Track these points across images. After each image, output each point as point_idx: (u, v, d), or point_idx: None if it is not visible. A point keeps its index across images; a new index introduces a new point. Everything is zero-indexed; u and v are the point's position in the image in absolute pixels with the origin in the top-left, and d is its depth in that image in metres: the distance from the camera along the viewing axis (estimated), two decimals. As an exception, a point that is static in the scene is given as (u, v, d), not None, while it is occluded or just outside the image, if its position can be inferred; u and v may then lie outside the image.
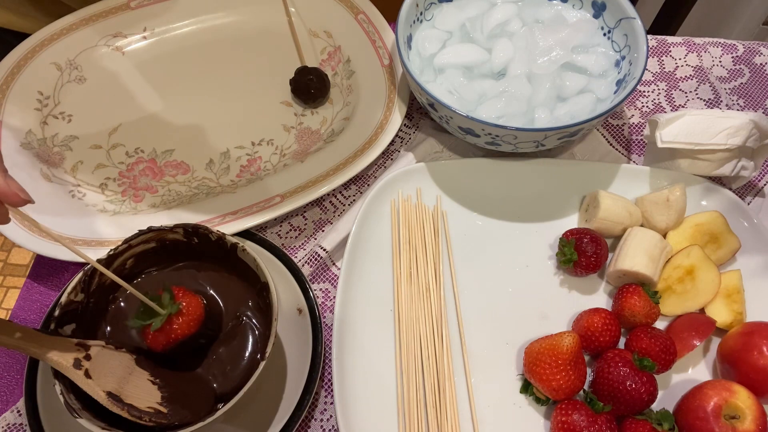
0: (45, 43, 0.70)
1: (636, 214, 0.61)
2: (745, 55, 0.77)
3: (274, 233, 0.64)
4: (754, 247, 0.61)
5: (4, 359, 0.57)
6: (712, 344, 0.58)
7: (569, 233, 0.61)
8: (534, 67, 0.63)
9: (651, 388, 0.51)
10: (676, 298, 0.58)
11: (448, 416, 0.53)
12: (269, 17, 0.77)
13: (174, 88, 0.72)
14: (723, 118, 0.61)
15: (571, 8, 0.68)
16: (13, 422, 0.53)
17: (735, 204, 0.63)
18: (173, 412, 0.46)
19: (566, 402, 0.51)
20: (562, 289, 0.61)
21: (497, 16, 0.65)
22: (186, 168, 0.67)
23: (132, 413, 0.44)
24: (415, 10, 0.66)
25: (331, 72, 0.73)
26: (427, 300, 0.58)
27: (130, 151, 0.68)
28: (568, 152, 0.69)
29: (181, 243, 0.52)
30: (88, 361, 0.45)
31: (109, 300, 0.51)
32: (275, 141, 0.69)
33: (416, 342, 0.56)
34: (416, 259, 0.60)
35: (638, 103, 0.74)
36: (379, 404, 0.54)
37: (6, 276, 1.61)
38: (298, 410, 0.50)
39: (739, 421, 0.49)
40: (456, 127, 0.61)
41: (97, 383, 0.44)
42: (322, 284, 0.61)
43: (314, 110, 0.72)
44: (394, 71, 0.70)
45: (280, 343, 0.55)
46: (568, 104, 0.62)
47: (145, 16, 0.74)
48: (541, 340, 0.53)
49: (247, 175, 0.66)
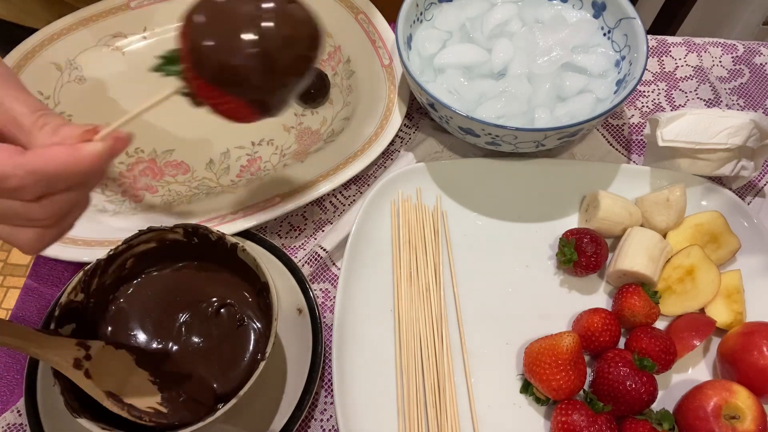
0: (45, 43, 0.70)
1: (636, 214, 0.61)
2: (745, 55, 0.77)
3: (274, 233, 0.64)
4: (754, 247, 0.61)
5: (4, 359, 0.57)
6: (712, 344, 0.58)
7: (569, 233, 0.61)
8: (534, 67, 0.63)
9: (651, 388, 0.51)
10: (676, 298, 0.58)
11: (448, 416, 0.53)
12: (269, 17, 0.76)
13: (174, 88, 0.72)
14: (724, 117, 0.61)
15: (571, 8, 0.68)
16: (13, 422, 0.53)
17: (735, 204, 0.63)
18: (173, 412, 0.46)
19: (566, 402, 0.51)
20: (562, 289, 0.61)
21: (497, 16, 0.65)
22: (186, 168, 0.67)
23: (132, 413, 0.44)
24: (415, 10, 0.66)
25: (331, 72, 0.73)
26: (427, 300, 0.58)
27: (130, 151, 0.68)
28: (568, 152, 0.69)
29: (181, 243, 0.52)
30: (88, 361, 0.45)
31: (109, 300, 0.51)
32: (275, 141, 0.69)
33: (416, 342, 0.56)
34: (416, 259, 0.60)
35: (638, 103, 0.74)
36: (379, 404, 0.54)
37: (6, 276, 1.61)
38: (298, 410, 0.50)
39: (739, 421, 0.49)
40: (456, 127, 0.61)
41: (97, 383, 0.44)
42: (322, 284, 0.61)
43: (314, 110, 0.72)
44: (394, 71, 0.70)
45: (280, 343, 0.55)
46: (568, 104, 0.62)
47: (145, 16, 0.74)
48: (541, 340, 0.53)
49: (247, 175, 0.66)
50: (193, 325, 0.51)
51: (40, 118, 0.38)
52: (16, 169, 0.34)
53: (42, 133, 0.37)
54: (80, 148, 0.36)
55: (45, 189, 0.36)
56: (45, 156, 0.35)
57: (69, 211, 0.39)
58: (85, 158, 0.36)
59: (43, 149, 0.36)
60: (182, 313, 0.52)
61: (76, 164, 0.36)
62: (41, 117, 0.38)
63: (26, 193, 0.35)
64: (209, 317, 0.52)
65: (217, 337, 0.51)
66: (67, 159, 0.35)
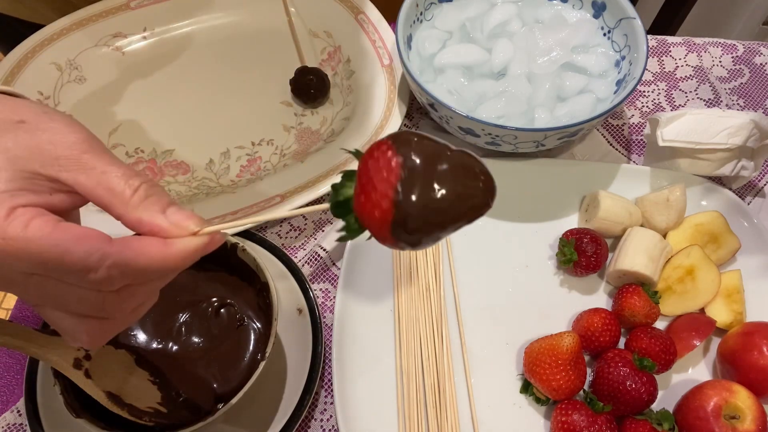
0: (45, 43, 0.70)
1: (636, 214, 0.61)
2: (745, 55, 0.77)
3: (274, 233, 0.64)
4: (754, 247, 0.61)
5: (4, 359, 0.57)
6: (712, 344, 0.58)
7: (569, 233, 0.61)
8: (534, 67, 0.63)
9: (651, 388, 0.51)
10: (676, 298, 0.58)
11: (448, 416, 0.53)
12: (269, 17, 0.76)
13: (174, 88, 0.72)
14: (724, 117, 0.61)
15: (571, 8, 0.68)
16: (13, 422, 0.53)
17: (735, 204, 0.63)
18: (173, 412, 0.46)
19: (566, 402, 0.51)
20: (562, 289, 0.61)
21: (497, 16, 0.65)
22: (186, 168, 0.67)
23: (132, 413, 0.44)
24: (415, 10, 0.66)
25: (331, 72, 0.73)
26: (427, 300, 0.58)
27: (130, 151, 0.68)
28: (568, 152, 0.69)
29: (181, 243, 0.52)
30: (88, 361, 0.45)
31: (109, 300, 0.51)
32: (275, 141, 0.69)
33: (416, 342, 0.56)
34: (416, 259, 0.60)
35: (638, 103, 0.74)
36: (379, 404, 0.54)
37: (6, 276, 1.61)
38: (298, 410, 0.50)
39: (739, 421, 0.49)
40: (456, 127, 0.61)
41: (97, 383, 0.44)
42: (322, 284, 0.61)
43: (314, 110, 0.72)
44: (394, 71, 0.70)
45: (280, 343, 0.55)
46: (568, 104, 0.62)
47: (145, 16, 0.74)
48: (541, 340, 0.53)
49: (247, 175, 0.66)
50: (193, 325, 0.51)
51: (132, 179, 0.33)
52: (102, 260, 0.30)
53: (146, 205, 0.32)
54: (173, 244, 0.32)
55: (126, 282, 0.32)
56: (135, 249, 0.31)
57: (142, 303, 0.35)
58: (176, 255, 0.32)
59: (133, 240, 0.31)
60: (182, 313, 0.52)
61: (165, 261, 0.32)
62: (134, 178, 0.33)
63: (108, 285, 0.31)
64: (209, 317, 0.52)
65: (217, 337, 0.51)
66: (158, 254, 0.31)
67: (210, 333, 0.51)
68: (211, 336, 0.51)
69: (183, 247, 0.32)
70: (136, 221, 0.32)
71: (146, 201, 0.32)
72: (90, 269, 0.29)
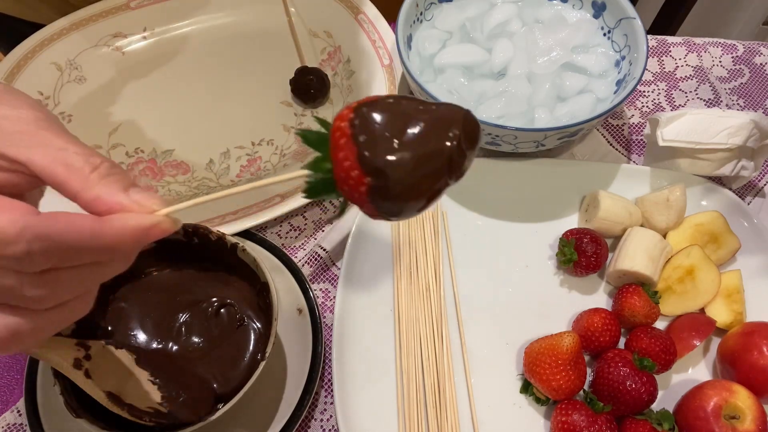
0: (45, 43, 0.70)
1: (636, 214, 0.61)
2: (745, 55, 0.77)
3: (274, 233, 0.64)
4: (754, 247, 0.61)
5: (4, 359, 0.57)
6: (712, 344, 0.58)
7: (569, 233, 0.61)
8: (534, 67, 0.63)
9: (651, 388, 0.51)
10: (676, 298, 0.58)
11: (448, 416, 0.53)
12: (269, 17, 0.77)
13: (174, 88, 0.72)
14: (724, 117, 0.61)
15: (571, 8, 0.68)
16: (13, 422, 0.53)
17: (735, 204, 0.63)
18: (173, 412, 0.46)
19: (566, 402, 0.51)
20: (562, 289, 0.61)
21: (497, 16, 0.65)
22: (186, 168, 0.67)
23: (132, 413, 0.44)
24: (415, 10, 0.66)
25: (331, 72, 0.73)
26: (427, 300, 0.58)
27: (130, 151, 0.68)
28: (568, 152, 0.69)
29: (182, 243, 0.52)
30: (88, 361, 0.44)
31: (109, 300, 0.51)
32: (275, 141, 0.69)
33: (416, 342, 0.56)
34: (416, 259, 0.60)
35: (638, 103, 0.74)
36: (379, 404, 0.54)
37: (6, 276, 1.61)
38: (298, 410, 0.50)
39: (739, 421, 0.49)
40: (456, 127, 0.61)
41: (97, 383, 0.44)
42: (322, 284, 0.61)
43: (314, 110, 0.72)
44: (394, 71, 0.70)
45: (280, 343, 0.55)
46: (568, 104, 0.62)
47: (145, 16, 0.74)
48: (541, 340, 0.53)
49: (247, 175, 0.66)
50: (193, 325, 0.51)
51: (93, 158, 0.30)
52: (23, 232, 0.26)
53: (106, 182, 0.30)
54: (108, 221, 0.29)
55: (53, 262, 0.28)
56: (63, 222, 0.27)
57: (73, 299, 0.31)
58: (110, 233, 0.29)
59: (63, 214, 0.28)
60: (182, 313, 0.52)
61: (96, 238, 0.28)
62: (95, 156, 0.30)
63: (29, 264, 0.27)
64: (209, 317, 0.52)
65: (217, 337, 0.51)
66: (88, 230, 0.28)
67: (210, 333, 0.51)
68: (211, 336, 0.51)
69: (120, 225, 0.29)
70: (93, 198, 0.29)
71: (107, 179, 0.30)
72: (7, 242, 0.26)
